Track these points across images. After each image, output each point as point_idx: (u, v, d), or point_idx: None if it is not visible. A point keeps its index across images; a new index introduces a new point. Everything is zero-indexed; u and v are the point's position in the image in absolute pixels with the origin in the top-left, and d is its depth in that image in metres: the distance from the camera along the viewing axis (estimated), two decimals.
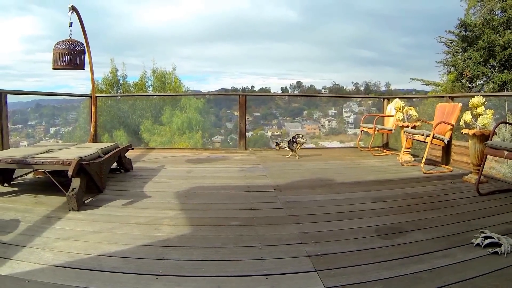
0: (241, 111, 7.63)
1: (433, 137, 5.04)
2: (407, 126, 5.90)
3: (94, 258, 2.40)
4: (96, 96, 6.33)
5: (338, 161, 6.28)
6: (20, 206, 3.42)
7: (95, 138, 6.12)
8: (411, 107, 6.34)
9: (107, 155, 4.25)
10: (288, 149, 6.48)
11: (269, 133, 22.23)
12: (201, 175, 4.91)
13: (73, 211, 3.29)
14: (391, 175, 5.06)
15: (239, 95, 7.72)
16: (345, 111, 22.57)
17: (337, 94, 31.74)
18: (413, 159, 5.92)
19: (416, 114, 6.25)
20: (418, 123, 6.06)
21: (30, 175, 4.62)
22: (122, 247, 2.57)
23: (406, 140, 5.82)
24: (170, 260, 2.40)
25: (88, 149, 4.23)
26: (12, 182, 4.23)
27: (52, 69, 5.15)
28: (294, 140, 6.40)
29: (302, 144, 6.41)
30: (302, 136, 6.47)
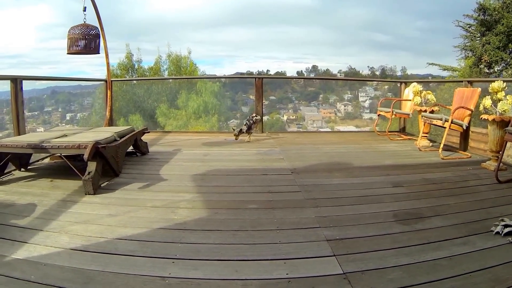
0: (257, 94, 7.51)
1: (452, 122, 4.87)
2: (425, 111, 5.74)
3: (110, 241, 2.37)
4: (111, 81, 6.31)
5: (355, 145, 6.14)
6: (36, 190, 3.42)
7: (110, 122, 6.12)
8: (429, 92, 6.15)
9: (123, 139, 4.22)
10: (246, 133, 6.13)
11: (285, 117, 22.05)
12: (218, 158, 4.87)
13: (89, 194, 3.27)
14: (409, 160, 4.92)
15: (255, 78, 7.59)
16: (361, 96, 22.19)
17: (354, 78, 31.19)
18: (430, 144, 5.75)
19: (434, 99, 6.06)
20: (436, 108, 5.87)
21: (47, 160, 4.63)
22: (138, 230, 2.54)
23: (424, 125, 5.66)
24: (187, 243, 2.36)
25: (104, 132, 4.21)
26: (28, 167, 4.23)
27: (67, 53, 5.13)
28: (253, 121, 6.21)
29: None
30: (256, 114, 6.52)
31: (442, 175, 4.09)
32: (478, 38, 13.87)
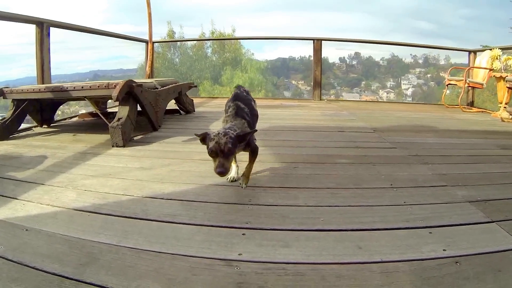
0: (316, 58, 6.59)
1: None
2: (506, 77, 4.61)
3: (138, 200, 1.52)
4: (153, 42, 5.60)
5: (428, 113, 5.04)
6: (53, 144, 2.64)
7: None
8: (510, 57, 5.01)
9: (164, 87, 3.39)
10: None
11: None
12: (278, 117, 3.99)
13: (117, 146, 2.45)
14: (497, 128, 3.91)
15: (314, 39, 6.60)
16: (403, 83, 21.27)
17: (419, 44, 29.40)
18: (511, 116, 4.59)
19: None
20: None
21: (75, 119, 3.88)
22: (182, 186, 1.69)
23: (508, 92, 4.54)
24: (262, 205, 1.49)
25: (143, 80, 3.39)
26: (52, 125, 3.45)
27: None
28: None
29: None
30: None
31: None
32: None
